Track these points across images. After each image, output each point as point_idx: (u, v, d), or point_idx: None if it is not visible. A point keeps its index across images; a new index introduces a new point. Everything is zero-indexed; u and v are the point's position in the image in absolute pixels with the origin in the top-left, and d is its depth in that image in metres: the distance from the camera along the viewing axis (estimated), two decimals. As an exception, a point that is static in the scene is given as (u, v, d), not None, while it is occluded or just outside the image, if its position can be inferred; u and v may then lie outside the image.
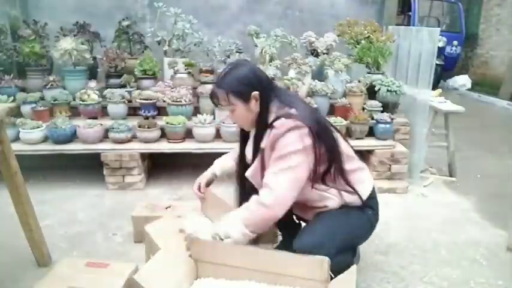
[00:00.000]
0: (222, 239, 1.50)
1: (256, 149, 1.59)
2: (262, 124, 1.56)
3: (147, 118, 3.06)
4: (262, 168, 1.55)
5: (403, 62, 3.44)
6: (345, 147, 1.67)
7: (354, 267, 1.42)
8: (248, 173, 1.62)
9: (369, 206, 1.69)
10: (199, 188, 1.90)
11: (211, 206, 1.91)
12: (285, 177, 1.46)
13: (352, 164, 1.66)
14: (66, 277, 1.54)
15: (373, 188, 1.73)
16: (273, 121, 1.51)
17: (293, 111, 1.52)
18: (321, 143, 1.50)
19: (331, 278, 1.40)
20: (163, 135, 3.03)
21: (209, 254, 1.58)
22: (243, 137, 1.75)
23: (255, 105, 1.56)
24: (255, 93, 1.54)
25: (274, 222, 1.53)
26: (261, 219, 1.48)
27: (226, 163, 1.90)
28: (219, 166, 1.91)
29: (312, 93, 3.28)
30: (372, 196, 1.71)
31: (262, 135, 1.56)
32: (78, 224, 2.42)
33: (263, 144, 1.55)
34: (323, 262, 1.41)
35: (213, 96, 1.60)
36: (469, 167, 3.55)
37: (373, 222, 1.74)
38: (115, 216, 2.51)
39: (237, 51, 3.61)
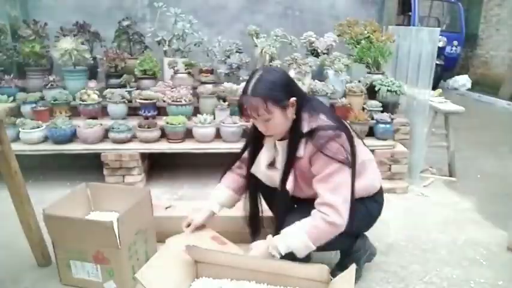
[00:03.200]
0: (280, 254, 1.49)
1: (291, 158, 1.55)
2: (298, 132, 1.52)
3: (147, 118, 3.06)
4: (298, 176, 1.58)
5: (403, 62, 3.44)
6: (357, 140, 1.66)
7: (352, 267, 1.42)
8: (289, 186, 1.58)
9: (375, 200, 1.73)
10: (188, 225, 1.79)
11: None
12: (342, 194, 1.48)
13: (361, 157, 1.65)
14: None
15: (380, 185, 1.77)
16: (311, 131, 1.50)
17: (323, 118, 1.52)
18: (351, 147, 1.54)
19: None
20: (163, 135, 3.03)
21: (210, 257, 1.59)
22: (255, 141, 1.71)
23: (291, 112, 1.51)
24: (293, 99, 1.49)
25: None
26: (328, 236, 1.49)
27: (223, 194, 1.81)
28: (216, 201, 1.80)
29: (312, 93, 3.28)
30: (379, 191, 1.76)
31: (297, 144, 1.53)
32: (78, 224, 2.42)
33: (300, 154, 1.53)
34: (323, 270, 1.41)
35: (244, 105, 1.49)
36: (469, 167, 3.55)
37: (376, 214, 1.77)
38: (115, 216, 2.50)
39: (237, 51, 3.61)
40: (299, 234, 1.47)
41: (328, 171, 1.48)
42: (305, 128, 1.51)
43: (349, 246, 1.78)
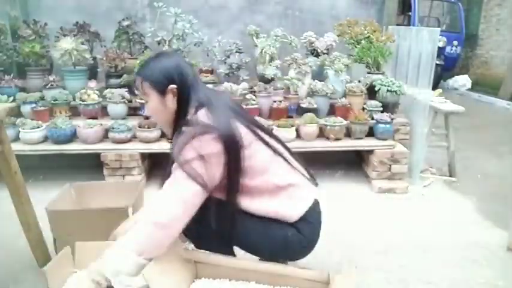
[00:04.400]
0: (108, 281, 1.20)
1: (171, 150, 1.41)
2: (180, 126, 1.38)
3: (147, 118, 3.06)
4: None
5: (403, 62, 3.44)
6: (268, 156, 1.46)
7: (353, 268, 1.42)
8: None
9: (295, 227, 1.46)
10: None
11: None
12: (186, 186, 1.30)
13: (284, 179, 1.46)
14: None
15: (310, 210, 1.48)
16: (187, 124, 1.36)
17: (202, 112, 1.37)
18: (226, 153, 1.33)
19: None
20: (163, 135, 3.03)
21: (210, 259, 1.59)
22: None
23: (171, 101, 1.42)
24: (172, 86, 1.40)
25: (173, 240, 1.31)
26: (158, 243, 1.26)
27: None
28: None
29: (312, 93, 3.28)
30: (305, 219, 1.47)
31: (177, 136, 1.38)
32: (78, 224, 2.42)
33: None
34: (323, 272, 1.40)
35: (133, 83, 1.48)
36: (469, 167, 3.55)
37: (295, 244, 1.48)
38: (115, 216, 2.50)
39: (237, 51, 3.61)
40: (125, 255, 1.21)
41: (176, 164, 1.33)
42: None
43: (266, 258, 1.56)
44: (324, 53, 3.70)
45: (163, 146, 2.97)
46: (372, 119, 3.17)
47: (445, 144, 3.35)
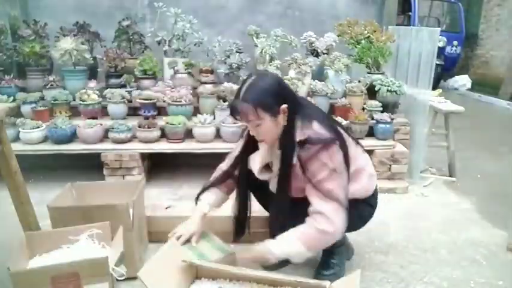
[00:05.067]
0: (277, 258, 1.52)
1: (285, 166, 1.56)
2: (291, 139, 1.51)
3: (147, 118, 3.06)
4: (292, 181, 1.59)
5: (403, 62, 3.44)
6: (353, 146, 1.68)
7: (358, 271, 1.42)
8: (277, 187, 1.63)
9: (367, 203, 1.76)
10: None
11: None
12: (333, 201, 1.49)
13: (355, 164, 1.66)
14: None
15: (375, 189, 1.79)
16: (302, 140, 1.50)
17: (316, 125, 1.51)
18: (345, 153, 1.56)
19: None
20: (163, 135, 3.03)
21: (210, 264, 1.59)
22: (249, 145, 1.71)
23: (282, 119, 1.51)
24: (284, 106, 1.49)
25: None
26: (322, 243, 1.56)
27: (212, 195, 1.79)
28: (206, 202, 1.77)
29: (312, 93, 3.28)
30: (373, 195, 1.77)
31: (291, 151, 1.52)
32: (78, 224, 2.42)
33: (294, 161, 1.53)
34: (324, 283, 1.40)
35: (235, 111, 1.50)
36: (469, 167, 3.55)
37: (366, 217, 1.81)
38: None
39: (237, 51, 3.60)
40: (294, 241, 1.50)
41: (319, 179, 1.50)
42: (298, 136, 1.51)
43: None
44: (324, 53, 3.70)
45: (163, 146, 2.98)
46: (372, 119, 3.17)
47: (445, 144, 3.35)
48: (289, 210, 1.61)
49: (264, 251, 1.53)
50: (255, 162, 1.68)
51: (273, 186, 1.69)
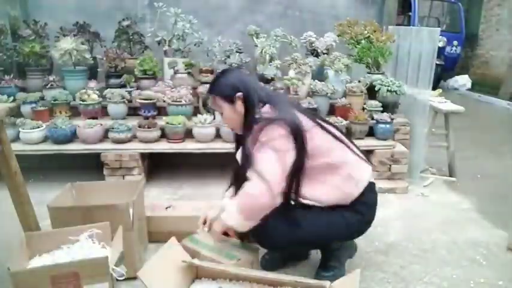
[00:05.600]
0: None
1: (243, 147, 1.67)
2: (249, 125, 1.64)
3: (147, 118, 3.06)
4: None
5: (403, 62, 3.44)
6: (327, 140, 1.68)
7: (357, 271, 1.42)
8: (238, 157, 1.74)
9: (353, 210, 1.69)
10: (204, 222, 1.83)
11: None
12: (262, 165, 1.56)
13: (341, 159, 1.67)
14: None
15: (366, 191, 1.70)
16: (256, 122, 1.62)
17: (265, 108, 1.65)
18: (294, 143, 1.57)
19: None
20: (163, 135, 3.03)
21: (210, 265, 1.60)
22: (237, 142, 1.84)
23: (240, 107, 1.66)
24: (239, 94, 1.65)
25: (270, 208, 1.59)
26: (255, 208, 1.57)
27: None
28: (227, 195, 1.88)
29: (312, 93, 3.28)
30: (361, 199, 1.69)
31: (247, 136, 1.64)
32: (78, 224, 2.41)
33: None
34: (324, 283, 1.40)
35: (205, 101, 1.74)
36: (469, 167, 3.55)
37: (355, 225, 1.72)
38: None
39: (237, 51, 3.61)
40: (234, 213, 1.58)
41: (254, 150, 1.61)
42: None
43: (325, 245, 1.82)
44: (324, 53, 3.70)
45: (163, 146, 2.98)
46: (372, 119, 3.17)
47: (445, 144, 3.35)
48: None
49: (223, 224, 1.64)
50: (238, 154, 1.78)
51: None
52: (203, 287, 1.59)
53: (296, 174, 1.60)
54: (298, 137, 1.57)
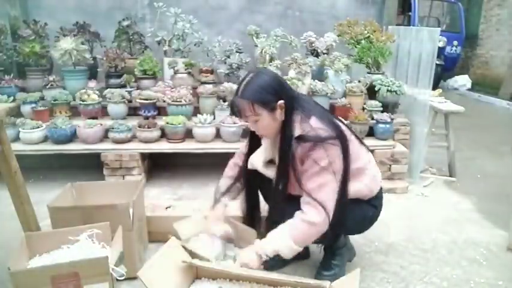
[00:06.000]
0: (268, 256, 1.52)
1: (283, 159, 1.58)
2: (289, 134, 1.55)
3: (147, 118, 3.06)
4: (291, 176, 1.60)
5: (403, 62, 3.44)
6: (356, 144, 1.70)
7: (357, 271, 1.42)
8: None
9: (371, 204, 1.75)
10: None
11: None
12: (323, 194, 1.51)
13: (365, 161, 1.72)
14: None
15: (379, 190, 1.78)
16: (300, 136, 1.53)
17: (314, 120, 1.54)
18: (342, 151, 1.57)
19: None
20: (163, 135, 3.03)
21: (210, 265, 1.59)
22: (253, 142, 1.76)
23: (280, 115, 1.55)
24: (281, 102, 1.53)
25: None
26: (310, 235, 1.53)
27: (226, 183, 1.85)
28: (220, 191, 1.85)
29: (312, 93, 3.28)
30: (377, 196, 1.77)
31: (288, 146, 1.55)
32: (78, 224, 2.41)
33: (292, 155, 1.56)
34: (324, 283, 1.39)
35: (234, 106, 1.55)
36: (469, 167, 3.55)
37: (370, 217, 1.80)
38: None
39: (237, 51, 3.60)
40: (283, 237, 1.51)
41: (312, 172, 1.52)
42: (296, 131, 1.54)
43: (331, 240, 1.79)
44: (324, 53, 3.70)
45: (163, 146, 2.98)
46: (372, 119, 3.17)
47: (445, 144, 3.35)
48: (287, 207, 1.61)
49: (256, 249, 1.54)
50: (258, 159, 1.72)
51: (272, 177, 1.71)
52: (203, 287, 1.59)
53: (343, 183, 1.59)
54: (346, 151, 1.57)
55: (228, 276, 1.59)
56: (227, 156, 1.97)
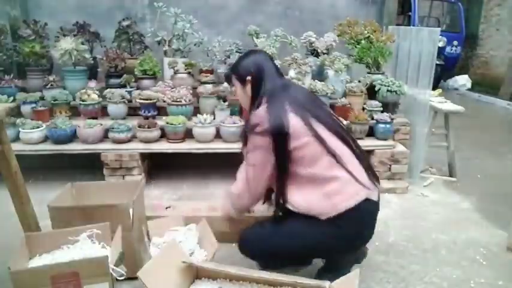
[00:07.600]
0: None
1: (244, 134, 1.75)
2: (253, 110, 1.70)
3: (147, 118, 3.06)
4: None
5: (403, 62, 3.44)
6: (318, 150, 1.57)
7: (356, 271, 1.42)
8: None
9: (336, 224, 1.55)
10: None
11: None
12: (249, 169, 1.65)
13: (329, 173, 1.56)
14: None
15: (356, 208, 1.55)
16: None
17: (261, 108, 1.62)
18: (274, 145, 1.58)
19: None
20: (163, 135, 3.03)
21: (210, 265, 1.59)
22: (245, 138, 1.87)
23: (249, 90, 1.73)
24: (249, 78, 1.71)
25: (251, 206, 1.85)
26: (234, 202, 1.79)
27: None
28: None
29: (312, 93, 3.28)
30: (348, 215, 1.54)
31: (246, 122, 1.76)
32: (78, 224, 2.41)
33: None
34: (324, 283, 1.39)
35: (226, 76, 1.90)
36: (469, 167, 3.55)
37: (336, 239, 1.60)
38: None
39: (237, 51, 3.61)
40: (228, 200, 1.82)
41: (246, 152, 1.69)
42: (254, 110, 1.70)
43: (300, 265, 1.89)
44: (324, 53, 3.70)
45: (163, 146, 2.97)
46: (372, 119, 3.17)
47: (445, 144, 3.35)
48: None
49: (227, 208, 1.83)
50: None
51: None
52: (203, 287, 1.59)
53: (281, 177, 1.61)
54: (279, 141, 1.54)
55: (228, 276, 1.59)
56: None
